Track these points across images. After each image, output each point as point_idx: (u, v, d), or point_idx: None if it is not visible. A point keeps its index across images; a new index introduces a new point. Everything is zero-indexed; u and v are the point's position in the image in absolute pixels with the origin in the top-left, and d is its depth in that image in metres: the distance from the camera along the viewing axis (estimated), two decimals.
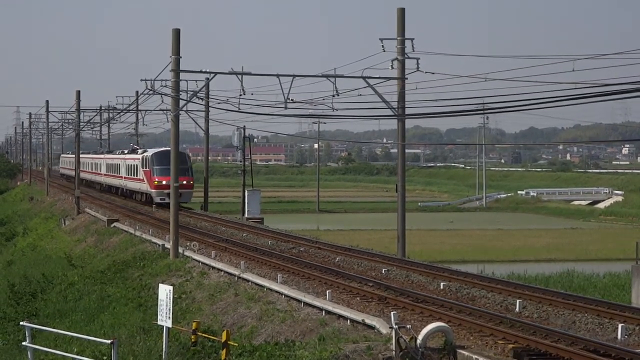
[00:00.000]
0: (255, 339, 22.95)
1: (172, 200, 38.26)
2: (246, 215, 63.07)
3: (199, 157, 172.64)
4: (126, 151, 76.75)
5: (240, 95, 39.67)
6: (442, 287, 27.88)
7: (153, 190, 62.90)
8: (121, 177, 74.43)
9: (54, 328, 26.28)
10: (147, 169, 63.47)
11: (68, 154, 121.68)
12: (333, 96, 39.06)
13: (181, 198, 58.01)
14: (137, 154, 69.90)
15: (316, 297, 25.13)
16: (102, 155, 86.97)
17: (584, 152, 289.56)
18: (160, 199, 62.25)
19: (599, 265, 55.41)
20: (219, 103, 44.37)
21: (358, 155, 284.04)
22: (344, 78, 39.36)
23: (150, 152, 65.28)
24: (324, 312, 23.71)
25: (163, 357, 20.86)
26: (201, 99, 51.48)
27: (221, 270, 32.34)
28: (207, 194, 68.49)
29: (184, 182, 57.23)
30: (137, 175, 67.58)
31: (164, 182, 60.35)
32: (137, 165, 67.54)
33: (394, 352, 18.64)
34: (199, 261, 35.00)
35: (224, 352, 19.98)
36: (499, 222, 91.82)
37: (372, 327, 21.27)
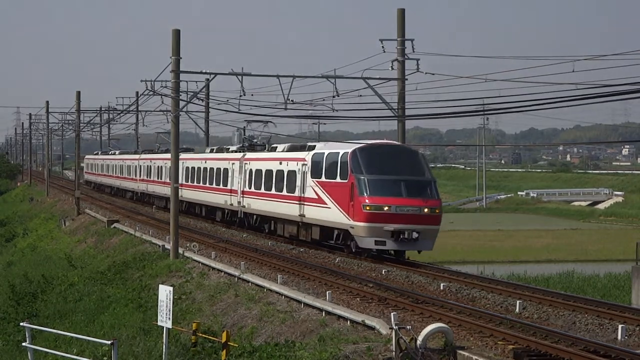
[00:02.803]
0: (256, 340, 22.95)
1: (172, 200, 38.19)
2: None
3: None
4: (232, 147, 50.74)
5: (240, 96, 39.76)
6: (442, 287, 27.88)
7: (359, 224, 32.81)
8: (232, 191, 46.32)
9: (54, 329, 26.30)
10: (341, 181, 34.12)
11: (96, 153, 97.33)
12: (333, 97, 39.17)
13: (416, 244, 33.03)
14: (273, 150, 43.15)
15: (316, 298, 25.12)
16: (188, 155, 57.08)
17: (584, 152, 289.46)
18: (378, 243, 32.76)
19: (599, 266, 55.43)
20: (219, 104, 44.40)
21: None
22: (344, 79, 39.46)
23: (341, 147, 35.90)
24: (324, 312, 23.71)
25: (163, 357, 20.86)
26: (201, 99, 51.47)
27: (221, 271, 32.34)
28: None
29: (425, 210, 32.75)
30: (291, 191, 38.66)
31: (386, 209, 32.39)
32: (295, 172, 38.45)
33: (394, 353, 18.63)
34: (199, 262, 34.99)
35: (224, 352, 19.98)
36: (499, 222, 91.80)
37: (372, 328, 21.27)
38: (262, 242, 41.83)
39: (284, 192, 39.23)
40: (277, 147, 42.87)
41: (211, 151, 53.07)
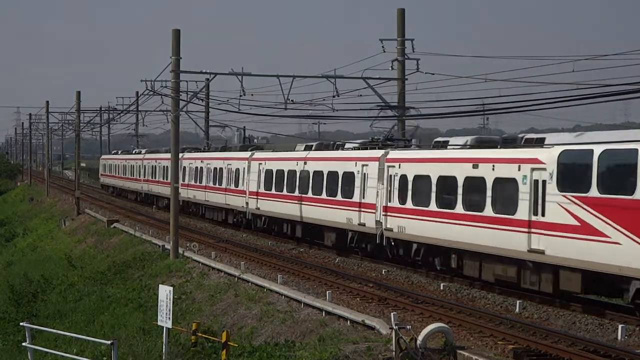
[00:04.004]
0: (255, 340, 22.96)
1: (172, 200, 38.18)
2: None
3: None
4: (351, 144, 38.39)
5: (240, 95, 39.79)
6: (442, 287, 27.88)
7: None
8: (363, 205, 33.24)
9: (54, 329, 26.30)
10: None
11: (116, 152, 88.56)
12: (333, 97, 39.20)
13: None
14: (443, 147, 30.46)
15: (316, 298, 25.14)
16: (266, 155, 44.52)
17: None
18: None
19: None
20: (219, 104, 44.42)
21: None
22: (344, 79, 39.49)
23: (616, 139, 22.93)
24: (324, 312, 23.72)
25: (163, 357, 20.86)
26: (201, 99, 51.50)
27: (221, 271, 32.35)
28: None
29: None
30: (505, 211, 25.78)
31: None
32: (515, 180, 25.43)
33: (394, 353, 18.63)
34: (199, 262, 34.99)
35: (224, 352, 19.97)
36: None
37: (372, 328, 21.28)
38: (262, 242, 41.83)
39: (488, 212, 26.25)
40: (447, 141, 30.74)
41: (307, 148, 40.70)
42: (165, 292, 20.76)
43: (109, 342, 19.43)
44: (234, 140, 58.99)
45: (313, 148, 40.23)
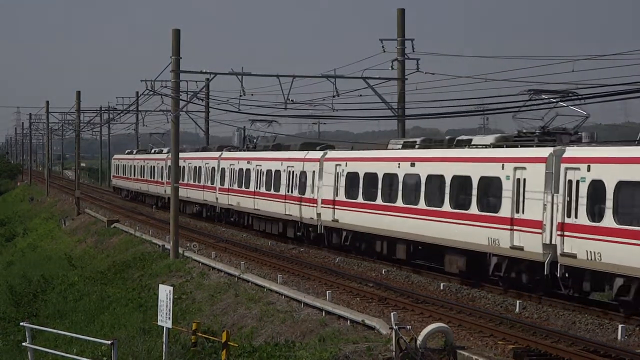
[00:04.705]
0: (255, 340, 22.96)
1: (172, 200, 38.18)
2: None
3: None
4: (480, 138, 29.71)
5: (241, 95, 39.80)
6: (442, 287, 27.88)
7: None
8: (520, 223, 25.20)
9: (54, 328, 26.31)
10: None
11: (130, 152, 78.82)
12: (333, 97, 39.21)
13: None
14: None
15: (316, 298, 25.14)
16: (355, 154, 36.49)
17: None
18: None
19: None
20: (219, 104, 44.42)
21: None
22: (344, 79, 39.51)
23: None
24: (324, 312, 23.72)
25: (163, 357, 20.86)
26: (201, 99, 51.45)
27: (221, 271, 32.35)
28: None
29: None
30: None
31: None
32: None
33: (394, 353, 18.63)
34: (199, 262, 34.99)
35: (224, 352, 19.98)
36: None
37: (372, 328, 21.28)
38: (262, 242, 41.81)
39: None
40: None
41: (408, 146, 32.76)
42: (165, 292, 20.76)
43: (109, 342, 19.43)
44: (234, 139, 58.69)
45: (417, 145, 32.07)
